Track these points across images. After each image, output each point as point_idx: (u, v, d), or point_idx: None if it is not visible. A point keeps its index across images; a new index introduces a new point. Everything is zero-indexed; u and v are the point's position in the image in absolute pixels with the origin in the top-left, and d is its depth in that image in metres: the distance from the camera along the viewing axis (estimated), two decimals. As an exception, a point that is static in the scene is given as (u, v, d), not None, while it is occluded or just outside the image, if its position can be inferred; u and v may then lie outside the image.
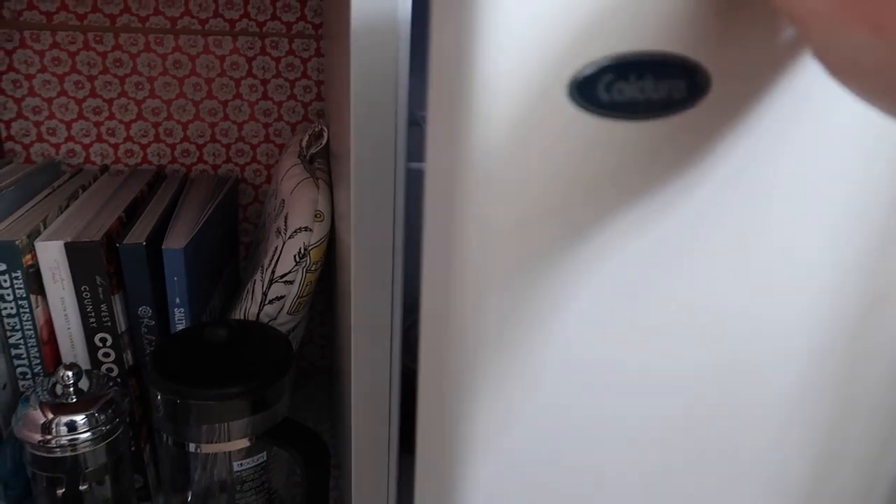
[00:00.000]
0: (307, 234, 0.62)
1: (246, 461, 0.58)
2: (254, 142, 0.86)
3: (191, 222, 0.69)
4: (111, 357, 0.66)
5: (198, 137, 0.85)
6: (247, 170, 0.87)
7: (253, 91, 0.84)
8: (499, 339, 0.29)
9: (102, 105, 0.82)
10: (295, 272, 0.63)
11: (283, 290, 0.64)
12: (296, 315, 0.66)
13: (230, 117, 0.85)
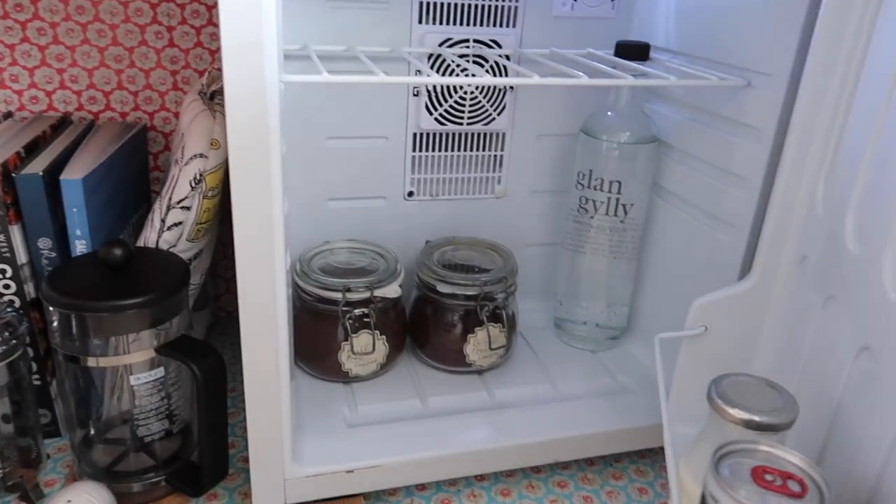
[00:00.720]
0: (202, 160, 0.64)
1: (143, 375, 0.60)
2: (162, 89, 0.87)
3: (92, 159, 0.70)
4: (11, 289, 0.67)
5: (104, 84, 0.85)
6: (156, 117, 0.89)
7: (158, 38, 0.85)
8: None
9: (4, 51, 0.82)
10: (191, 198, 0.65)
11: (180, 216, 0.66)
12: (196, 242, 0.69)
13: (136, 64, 0.86)
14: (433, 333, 0.78)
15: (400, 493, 0.71)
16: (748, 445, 0.40)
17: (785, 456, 0.39)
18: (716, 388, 0.44)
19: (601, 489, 0.73)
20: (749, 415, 0.42)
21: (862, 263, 0.47)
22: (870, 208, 0.48)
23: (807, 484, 0.37)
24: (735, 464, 0.38)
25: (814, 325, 0.53)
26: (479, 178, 0.86)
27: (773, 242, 0.59)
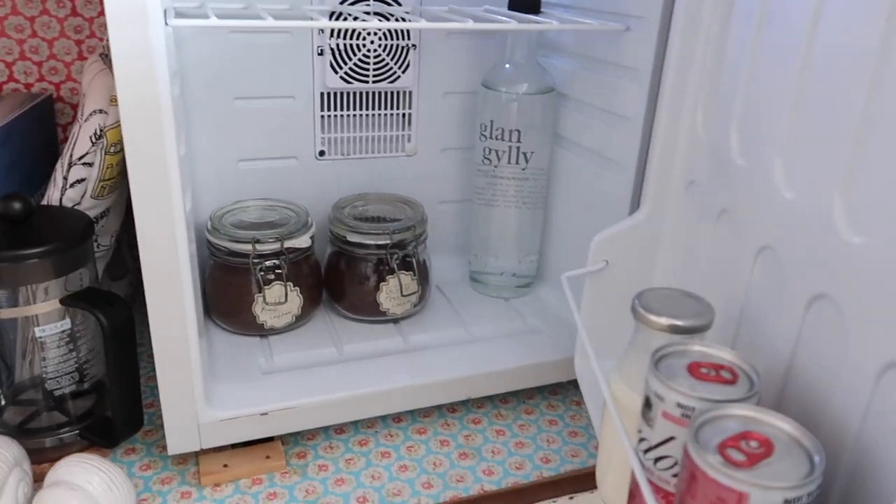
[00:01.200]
0: (102, 116, 0.65)
1: (49, 327, 0.61)
2: (67, 59, 0.87)
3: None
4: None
5: (6, 55, 0.85)
6: (62, 88, 0.88)
7: (60, 7, 0.85)
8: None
9: None
10: (93, 153, 0.66)
11: (83, 173, 0.66)
12: (101, 200, 0.69)
13: (39, 34, 0.85)
14: (348, 285, 0.80)
15: (318, 437, 0.73)
16: (682, 347, 0.43)
17: (716, 352, 0.42)
18: (639, 301, 0.47)
19: (513, 423, 0.76)
20: (673, 320, 0.45)
21: (752, 174, 0.51)
22: (752, 124, 0.52)
23: (737, 373, 0.41)
24: (672, 363, 0.41)
25: (708, 240, 0.57)
26: (389, 136, 0.89)
27: (660, 173, 0.63)
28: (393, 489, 0.66)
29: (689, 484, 0.34)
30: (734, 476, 0.32)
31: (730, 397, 0.38)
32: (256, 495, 0.65)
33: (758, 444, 0.34)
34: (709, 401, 0.38)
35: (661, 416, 0.40)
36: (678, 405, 0.39)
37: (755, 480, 0.32)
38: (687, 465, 0.35)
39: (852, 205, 0.40)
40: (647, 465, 0.41)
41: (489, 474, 0.69)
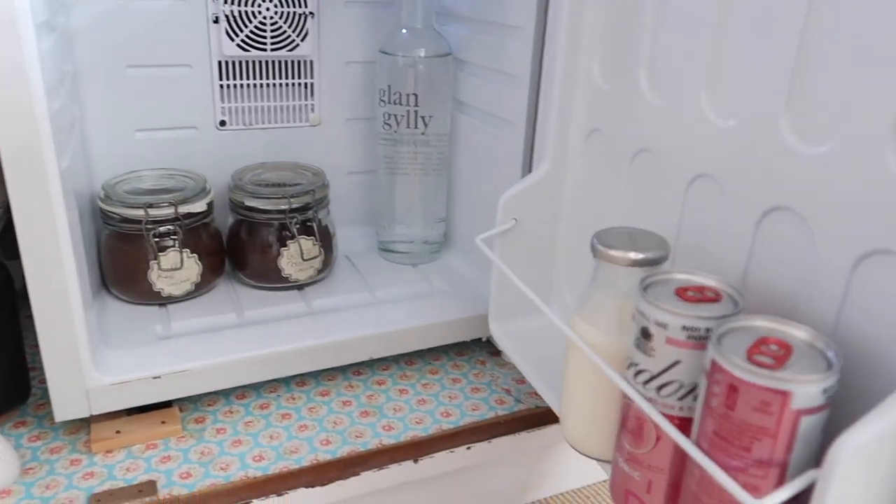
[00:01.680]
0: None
1: (-77, 292, 0.60)
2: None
3: None
4: None
5: None
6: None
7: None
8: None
9: None
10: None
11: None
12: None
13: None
14: (249, 253, 0.80)
15: (219, 403, 0.72)
16: (664, 276, 0.44)
17: (696, 277, 0.43)
18: (598, 240, 0.47)
19: (417, 383, 0.77)
20: (637, 254, 0.46)
21: (674, 111, 0.51)
22: (664, 66, 0.52)
23: (720, 293, 0.42)
24: (659, 292, 0.42)
25: (623, 183, 0.58)
26: (292, 106, 0.89)
27: (559, 127, 0.64)
28: (290, 447, 0.66)
29: (726, 397, 0.35)
30: (777, 377, 0.33)
31: (725, 314, 0.39)
32: (149, 459, 0.64)
33: (777, 346, 0.36)
34: (714, 318, 0.39)
35: (665, 342, 0.40)
36: (683, 328, 0.39)
37: (795, 377, 0.33)
38: (720, 381, 0.35)
39: (798, 119, 0.41)
40: (649, 396, 0.42)
41: (388, 430, 0.69)
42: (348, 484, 0.63)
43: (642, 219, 0.54)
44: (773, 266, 0.44)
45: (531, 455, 0.74)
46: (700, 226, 0.50)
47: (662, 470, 0.43)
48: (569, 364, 0.52)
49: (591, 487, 0.79)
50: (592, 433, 0.51)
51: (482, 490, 0.73)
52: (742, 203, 0.46)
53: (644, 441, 0.43)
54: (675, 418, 0.41)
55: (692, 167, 0.50)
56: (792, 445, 0.35)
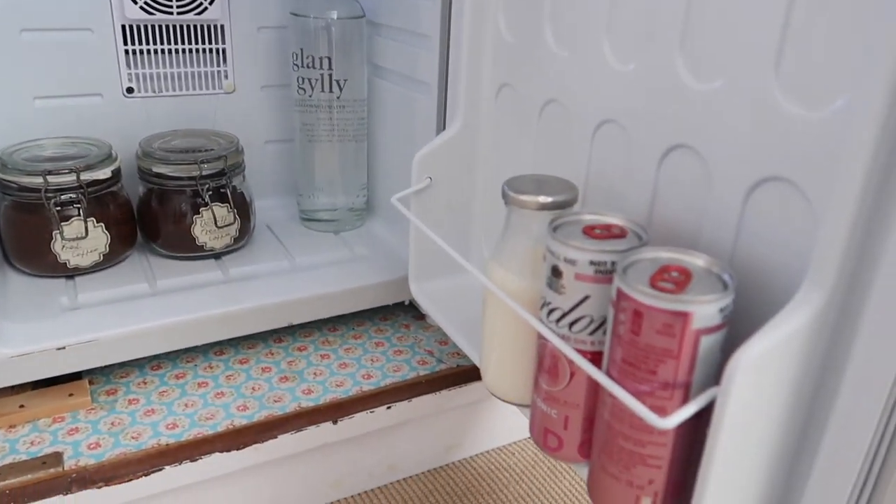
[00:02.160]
0: None
1: None
2: None
3: None
4: None
5: None
6: None
7: None
8: None
9: None
10: None
11: None
12: None
13: None
14: (161, 222, 0.77)
15: (132, 374, 0.70)
16: (573, 217, 0.44)
17: (602, 217, 0.44)
18: (508, 187, 0.47)
19: (339, 348, 0.76)
20: (546, 198, 0.46)
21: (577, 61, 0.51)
22: (566, 17, 0.53)
23: (626, 230, 0.43)
24: (567, 231, 0.43)
25: (533, 133, 0.58)
26: (203, 72, 0.86)
27: (469, 83, 0.64)
28: (206, 414, 0.65)
29: (632, 324, 0.36)
30: (677, 299, 0.35)
31: (630, 247, 0.40)
32: (56, 432, 0.61)
33: (678, 273, 0.37)
34: (619, 251, 0.40)
35: (574, 279, 0.41)
36: (591, 263, 0.40)
37: (694, 298, 0.35)
38: (626, 308, 0.36)
39: (691, 58, 0.42)
40: (562, 333, 0.43)
41: (308, 394, 0.68)
42: (265, 448, 0.62)
43: (553, 169, 0.55)
44: (675, 202, 0.45)
45: (454, 414, 0.74)
46: (607, 170, 0.51)
47: (578, 405, 0.44)
48: (486, 312, 0.52)
49: (516, 444, 0.80)
50: (512, 378, 0.52)
51: (404, 450, 0.73)
52: (645, 145, 0.47)
53: (559, 378, 0.44)
54: (588, 353, 0.42)
55: (597, 114, 0.51)
56: (694, 365, 0.36)
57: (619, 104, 0.49)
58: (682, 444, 0.38)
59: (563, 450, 0.46)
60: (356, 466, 0.71)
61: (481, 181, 0.67)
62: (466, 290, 0.71)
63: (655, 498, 0.40)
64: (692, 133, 0.43)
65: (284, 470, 0.66)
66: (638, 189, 0.48)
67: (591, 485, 0.43)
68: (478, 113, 0.65)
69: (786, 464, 0.38)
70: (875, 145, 0.31)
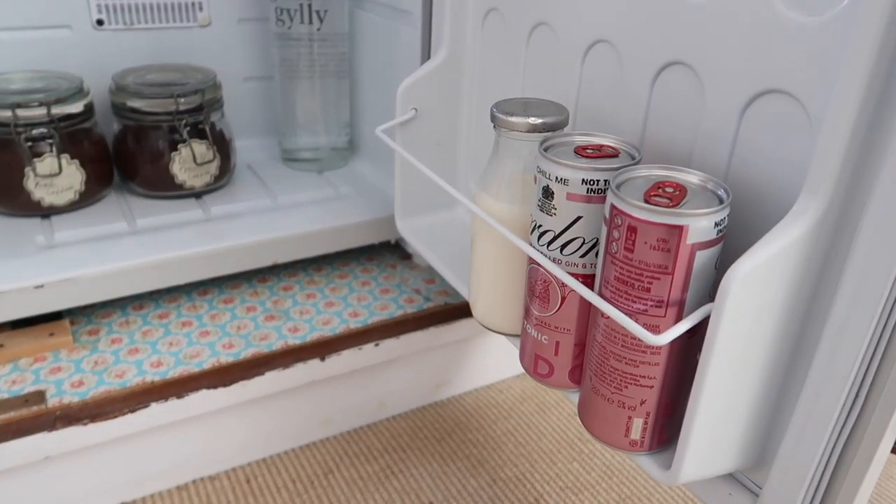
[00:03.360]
0: None
1: None
2: None
3: None
4: None
5: None
6: None
7: None
8: None
9: None
10: None
11: None
12: None
13: None
14: (139, 160, 0.75)
15: (115, 314, 0.69)
16: (563, 137, 0.43)
17: (593, 137, 0.43)
18: (497, 109, 0.46)
19: (325, 287, 0.75)
20: (536, 119, 0.44)
21: None
22: None
23: (618, 149, 0.42)
24: (559, 151, 0.41)
25: (523, 60, 0.56)
26: (177, 3, 0.82)
27: (453, 8, 0.61)
28: (191, 353, 0.64)
29: (625, 240, 0.35)
30: (673, 213, 0.34)
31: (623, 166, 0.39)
32: (38, 371, 0.60)
33: (673, 188, 0.36)
34: (612, 169, 0.39)
35: (566, 198, 0.40)
36: (583, 182, 0.39)
37: (690, 212, 0.34)
38: (619, 224, 0.36)
39: None
40: (553, 256, 0.42)
41: (294, 332, 0.68)
42: (252, 384, 0.61)
43: (542, 94, 0.53)
44: (668, 121, 0.44)
45: (443, 352, 0.74)
46: (598, 92, 0.50)
47: (569, 330, 0.43)
48: (475, 242, 0.51)
49: (505, 382, 0.80)
50: (502, 308, 0.51)
51: (394, 388, 0.73)
52: (637, 64, 0.45)
53: (550, 303, 0.43)
54: (579, 276, 0.41)
55: (589, 34, 0.49)
56: (688, 282, 0.35)
57: (611, 23, 0.47)
58: (674, 364, 0.38)
59: (554, 376, 0.46)
60: (345, 404, 0.70)
61: (467, 112, 0.66)
62: (453, 225, 0.70)
63: (647, 418, 0.39)
64: (687, 49, 0.42)
65: (273, 407, 0.66)
66: (630, 110, 0.47)
67: (583, 408, 0.43)
68: (464, 41, 0.63)
69: (777, 381, 0.38)
70: (878, 47, 0.30)
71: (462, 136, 0.67)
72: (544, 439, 0.72)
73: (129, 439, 0.59)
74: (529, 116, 0.45)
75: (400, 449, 0.70)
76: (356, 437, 0.71)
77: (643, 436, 0.40)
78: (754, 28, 0.37)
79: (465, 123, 0.66)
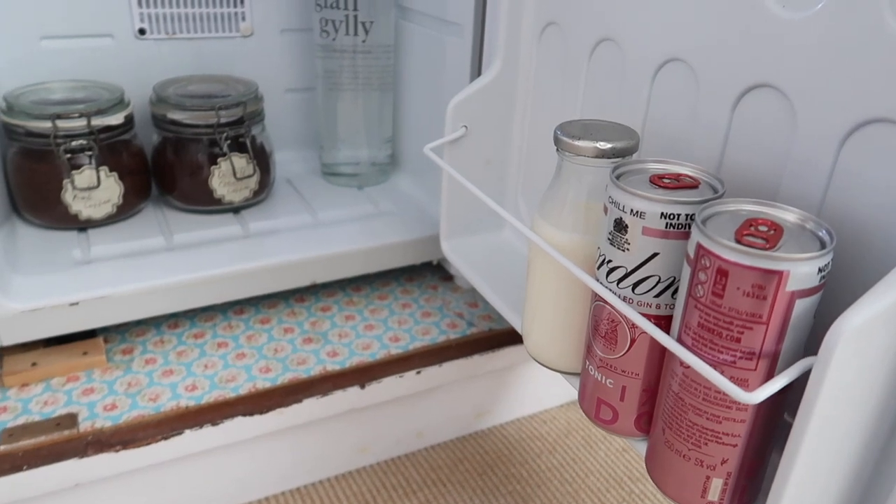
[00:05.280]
0: None
1: None
2: None
3: None
4: None
5: None
6: None
7: None
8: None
9: None
10: None
11: None
12: None
13: None
14: (177, 173, 0.73)
15: (149, 332, 0.66)
16: (637, 165, 0.39)
17: (674, 166, 0.39)
18: (561, 132, 0.42)
19: (365, 308, 0.73)
20: (603, 143, 0.41)
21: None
22: None
23: (698, 179, 0.38)
24: (632, 181, 0.38)
25: (583, 78, 0.53)
26: (220, 13, 0.81)
27: (510, 21, 0.58)
28: (227, 376, 0.61)
29: (714, 284, 0.32)
30: (771, 256, 0.30)
31: (707, 198, 0.35)
32: (70, 392, 0.58)
33: (767, 227, 0.32)
34: (695, 202, 0.35)
35: (641, 233, 0.36)
36: (662, 215, 0.35)
37: (791, 256, 0.30)
38: (707, 266, 0.32)
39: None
40: (623, 295, 0.38)
41: (333, 356, 0.65)
42: (290, 412, 0.59)
43: (604, 115, 0.50)
44: (751, 149, 0.41)
45: (485, 379, 0.71)
46: (669, 115, 0.46)
47: (637, 374, 0.40)
48: (532, 270, 0.48)
49: (549, 412, 0.77)
50: (559, 345, 0.48)
51: (433, 417, 0.70)
52: (716, 85, 0.42)
53: (618, 345, 0.40)
54: (652, 317, 0.38)
55: (661, 52, 0.46)
56: (784, 333, 0.32)
57: (686, 40, 0.44)
58: (762, 422, 0.34)
59: (618, 423, 0.42)
60: (383, 432, 0.67)
61: (519, 130, 0.63)
62: (500, 247, 0.66)
63: (728, 479, 0.36)
64: (777, 70, 0.38)
65: (309, 435, 0.63)
66: (706, 135, 0.43)
67: (652, 462, 0.39)
68: (518, 56, 0.60)
69: (875, 452, 0.34)
70: None
71: (513, 155, 0.64)
72: (591, 476, 0.68)
73: (161, 466, 0.56)
74: (597, 140, 0.42)
75: (440, 482, 0.66)
76: (394, 467, 0.68)
77: (722, 497, 0.36)
78: (862, 46, 0.34)
79: (517, 142, 0.63)
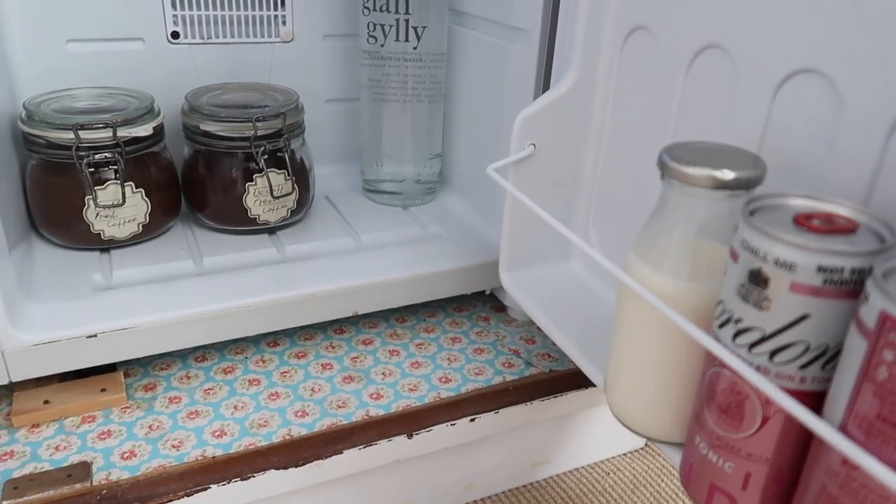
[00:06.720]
0: None
1: None
2: None
3: None
4: None
5: None
6: None
7: None
8: None
9: None
10: None
11: None
12: None
13: None
14: (209, 189, 0.67)
15: (174, 366, 0.60)
16: (775, 200, 0.32)
17: (824, 204, 0.32)
18: (669, 156, 0.35)
19: (410, 343, 0.66)
20: (724, 172, 0.34)
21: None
22: None
23: (856, 222, 0.30)
24: (771, 221, 0.30)
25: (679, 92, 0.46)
26: (258, 16, 0.75)
27: (588, 26, 0.52)
28: (258, 420, 0.55)
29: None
30: None
31: (878, 249, 0.28)
32: (84, 435, 0.52)
33: None
34: (867, 254, 0.28)
35: (789, 289, 0.29)
36: (820, 269, 0.28)
37: None
38: (894, 340, 0.25)
39: None
40: (757, 363, 0.31)
41: (377, 398, 0.58)
42: (328, 465, 0.52)
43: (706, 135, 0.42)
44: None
45: (543, 426, 0.63)
46: (797, 137, 0.39)
47: (766, 460, 0.32)
48: (621, 316, 0.40)
49: (612, 461, 0.69)
50: (651, 407, 0.40)
51: (485, 467, 0.62)
52: (866, 104, 0.34)
53: (744, 423, 0.32)
54: (793, 392, 0.30)
55: (785, 62, 0.38)
56: None
57: (821, 49, 0.36)
58: (952, 540, 0.26)
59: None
60: (430, 485, 0.60)
61: (594, 149, 0.55)
62: (567, 279, 0.59)
63: None
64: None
65: (346, 488, 0.56)
66: (849, 166, 0.35)
67: (787, 571, 0.32)
68: (596, 66, 0.53)
69: None
70: None
71: (585, 179, 0.56)
72: (664, 541, 0.60)
73: (183, 524, 0.50)
74: (717, 168, 0.34)
75: (493, 543, 0.59)
76: (441, 523, 0.61)
77: None
78: None
79: (591, 164, 0.56)
